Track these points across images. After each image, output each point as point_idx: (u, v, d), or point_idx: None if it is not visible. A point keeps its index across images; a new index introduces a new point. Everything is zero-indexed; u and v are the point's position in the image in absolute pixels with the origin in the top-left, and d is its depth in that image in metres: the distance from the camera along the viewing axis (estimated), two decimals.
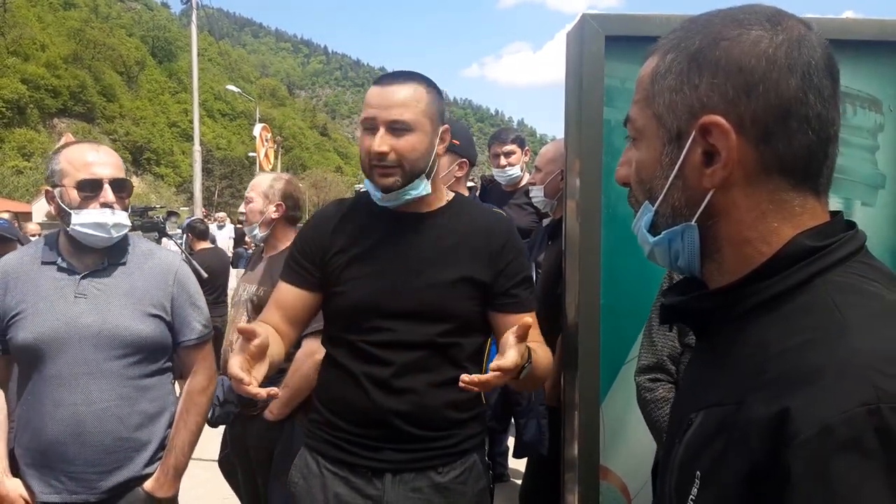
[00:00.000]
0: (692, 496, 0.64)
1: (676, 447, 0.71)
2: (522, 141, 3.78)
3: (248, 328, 1.28)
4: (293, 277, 1.64)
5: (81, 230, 1.75)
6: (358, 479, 1.56)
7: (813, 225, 0.68)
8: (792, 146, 0.66)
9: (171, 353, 1.92)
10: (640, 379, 1.77)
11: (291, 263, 1.66)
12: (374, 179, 1.54)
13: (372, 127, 1.51)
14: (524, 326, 1.26)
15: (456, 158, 2.60)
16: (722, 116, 0.66)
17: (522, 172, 3.72)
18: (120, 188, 1.81)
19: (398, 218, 1.59)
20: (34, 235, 6.81)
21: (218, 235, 15.06)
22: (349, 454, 1.57)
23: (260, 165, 22.91)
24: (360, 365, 1.56)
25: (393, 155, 1.50)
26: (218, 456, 2.71)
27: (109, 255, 1.84)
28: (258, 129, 23.03)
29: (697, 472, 0.65)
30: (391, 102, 1.50)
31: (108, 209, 1.76)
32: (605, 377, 1.82)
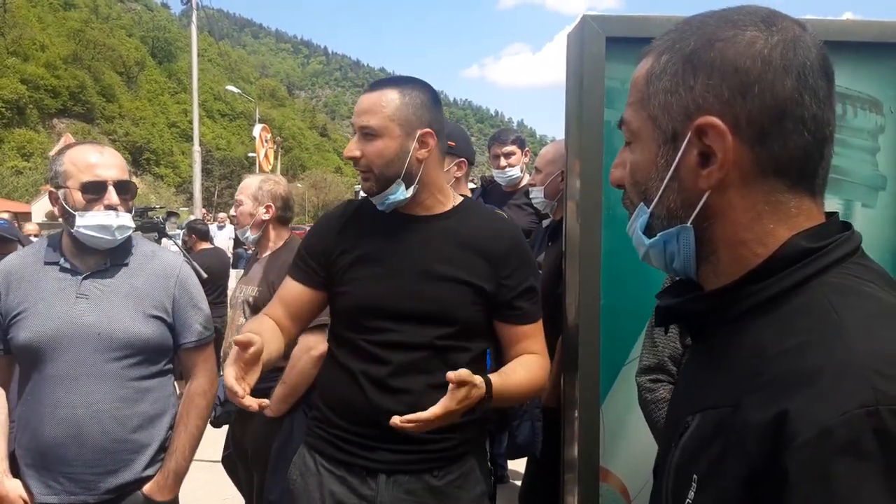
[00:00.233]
0: (689, 499, 0.64)
1: (672, 450, 0.71)
2: (522, 142, 3.78)
3: (243, 340, 1.31)
4: (299, 274, 1.68)
5: (85, 232, 1.75)
6: (353, 478, 1.57)
7: (809, 226, 0.68)
8: (787, 147, 0.66)
9: (172, 354, 1.91)
10: (641, 379, 1.77)
11: (298, 261, 1.71)
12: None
13: (355, 133, 1.59)
14: (459, 379, 1.31)
15: (454, 159, 2.61)
16: (717, 117, 0.66)
17: (522, 173, 3.72)
18: (124, 190, 1.80)
19: (403, 220, 1.60)
20: (34, 236, 6.81)
21: (218, 236, 15.07)
22: (345, 453, 1.58)
23: (259, 166, 22.91)
24: (359, 364, 1.56)
25: (364, 160, 1.56)
26: (221, 455, 2.71)
27: (112, 255, 1.83)
28: (258, 129, 23.03)
29: (694, 475, 0.64)
30: (361, 109, 1.57)
31: (112, 211, 1.76)
32: (605, 378, 1.82)
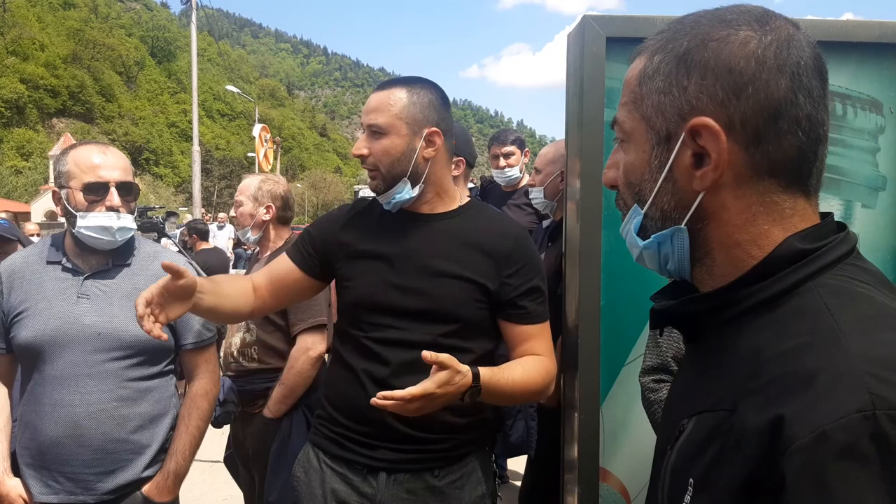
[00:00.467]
0: (685, 503, 0.63)
1: (668, 453, 0.70)
2: (522, 142, 3.78)
3: (174, 268, 1.34)
4: (293, 253, 1.70)
5: (86, 233, 1.75)
6: (355, 476, 1.57)
7: (804, 227, 0.67)
8: (782, 147, 0.65)
9: (173, 355, 1.91)
10: (644, 380, 1.78)
11: (297, 242, 1.73)
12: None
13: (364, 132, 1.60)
14: (431, 358, 1.30)
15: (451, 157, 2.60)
16: (711, 118, 0.65)
17: (522, 174, 3.72)
18: (126, 191, 1.80)
19: (408, 218, 1.60)
20: (33, 235, 6.82)
21: (218, 236, 15.06)
22: (347, 450, 1.58)
23: (259, 166, 22.89)
24: (361, 361, 1.57)
25: (371, 158, 1.57)
26: (223, 455, 2.71)
27: (114, 256, 1.83)
28: (257, 129, 23.00)
29: (691, 478, 0.63)
30: (370, 107, 1.58)
31: (113, 213, 1.76)
32: (604, 379, 1.82)
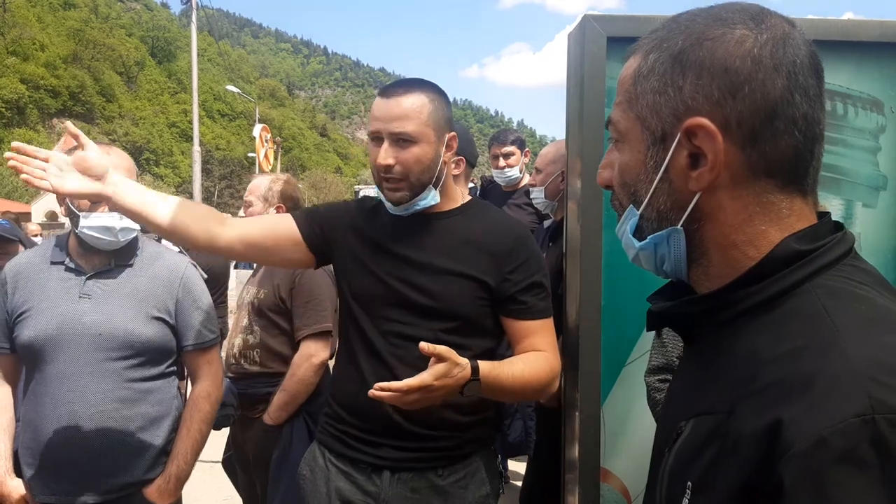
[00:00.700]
0: None
1: (667, 456, 0.70)
2: (522, 142, 3.78)
3: (72, 128, 1.40)
4: (299, 218, 1.64)
5: (89, 233, 1.75)
6: (359, 474, 1.57)
7: (801, 227, 0.67)
8: (779, 147, 0.65)
9: (175, 356, 1.90)
10: (649, 379, 1.79)
11: (308, 210, 1.70)
12: (383, 192, 1.56)
13: (378, 139, 1.52)
14: (428, 351, 1.29)
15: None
16: (707, 118, 0.65)
17: (521, 174, 3.72)
18: None
19: (412, 216, 1.60)
20: (35, 236, 6.83)
21: None
22: (351, 449, 1.58)
23: (259, 166, 22.89)
24: (364, 358, 1.57)
25: (399, 167, 1.50)
26: (222, 457, 2.70)
27: (117, 256, 1.83)
28: (258, 129, 22.98)
29: (689, 481, 0.63)
30: (394, 115, 1.49)
31: (116, 213, 1.75)
32: (605, 379, 1.82)
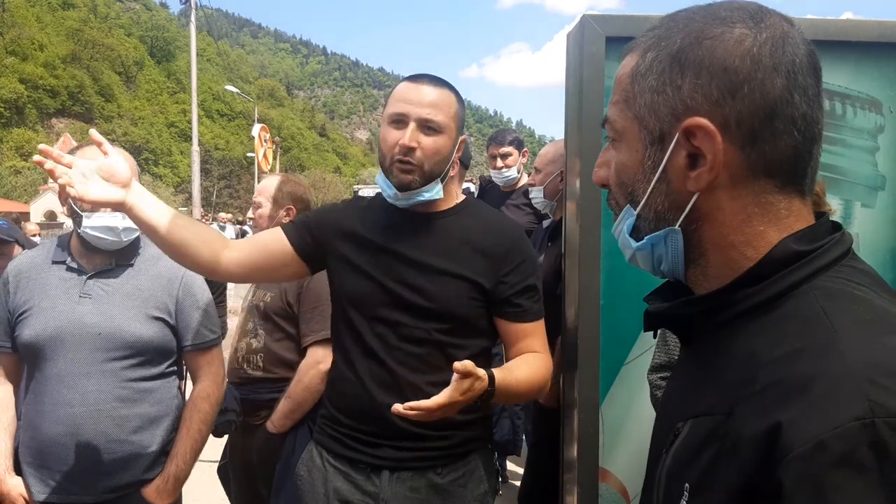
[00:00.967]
0: None
1: (664, 457, 0.69)
2: (520, 143, 3.77)
3: (96, 135, 1.43)
4: (289, 230, 1.62)
5: (92, 233, 1.75)
6: (358, 474, 1.57)
7: (799, 228, 0.66)
8: (778, 147, 0.64)
9: (175, 356, 1.90)
10: (651, 377, 1.80)
11: (295, 223, 1.67)
12: (392, 175, 1.53)
13: (401, 121, 1.51)
14: (464, 369, 1.27)
15: None
16: (706, 118, 0.64)
17: (519, 174, 3.72)
18: None
19: (407, 216, 1.60)
20: (34, 235, 6.83)
21: None
22: (350, 449, 1.58)
23: (258, 166, 22.88)
24: (360, 360, 1.56)
25: (419, 153, 1.50)
26: (217, 464, 2.66)
27: (118, 256, 1.83)
28: (257, 129, 22.98)
29: (686, 483, 0.63)
30: (426, 101, 1.49)
31: (119, 213, 1.75)
32: (604, 378, 1.82)
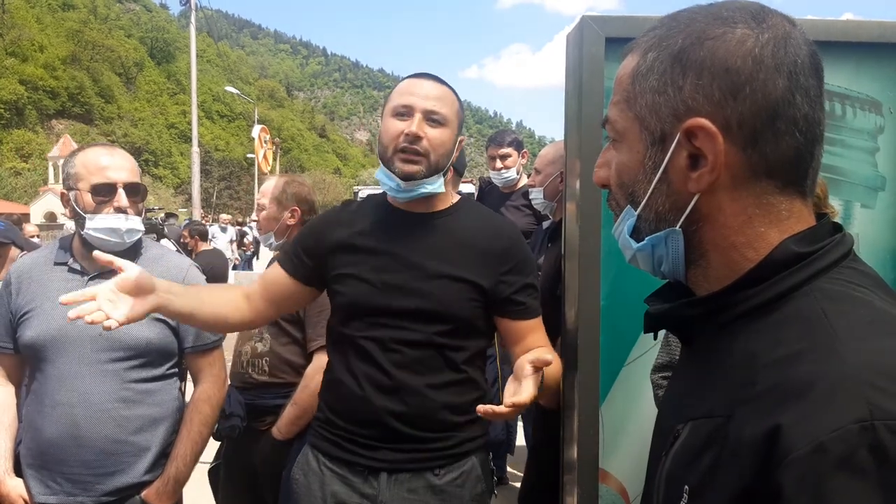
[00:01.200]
0: None
1: (663, 459, 0.69)
2: (519, 144, 3.77)
3: (103, 257, 1.40)
4: (284, 262, 1.68)
5: (95, 234, 1.76)
6: (355, 477, 1.56)
7: (800, 229, 0.66)
8: (779, 148, 0.64)
9: (176, 358, 1.90)
10: (654, 377, 1.81)
11: (288, 249, 1.70)
12: (395, 165, 1.54)
13: (406, 113, 1.53)
14: (541, 361, 1.26)
15: None
16: (708, 119, 0.64)
17: (519, 175, 3.72)
18: (134, 192, 1.81)
19: (403, 217, 1.60)
20: (33, 237, 6.82)
21: (222, 238, 15.04)
22: (347, 452, 1.57)
23: (259, 167, 22.89)
24: (357, 363, 1.56)
25: (425, 143, 1.52)
26: (210, 466, 2.63)
27: (120, 257, 1.83)
28: (257, 130, 23.03)
29: (686, 486, 0.63)
30: (432, 94, 1.54)
31: (121, 214, 1.76)
32: (604, 379, 1.82)
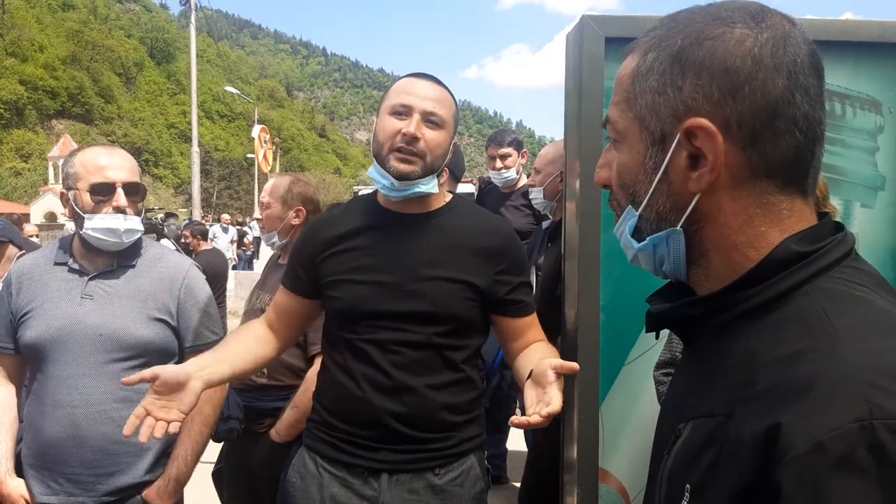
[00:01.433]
0: None
1: (665, 458, 0.69)
2: (519, 143, 3.77)
3: (132, 380, 1.32)
4: (288, 282, 1.69)
5: (93, 234, 1.75)
6: (355, 479, 1.56)
7: (801, 228, 0.66)
8: (779, 148, 0.64)
9: (177, 357, 1.89)
10: (655, 373, 1.83)
11: (288, 268, 1.70)
12: (390, 164, 1.53)
13: (404, 113, 1.53)
14: (565, 368, 1.26)
15: None
16: (707, 119, 0.64)
17: (519, 175, 3.72)
18: (133, 192, 1.80)
19: (396, 218, 1.59)
20: (32, 237, 6.83)
21: (223, 238, 15.05)
22: (346, 454, 1.57)
23: (259, 167, 22.89)
24: (356, 365, 1.55)
25: (422, 144, 1.52)
26: (213, 468, 2.63)
27: (120, 257, 1.83)
28: (257, 130, 23.05)
29: (687, 484, 0.63)
30: (431, 96, 1.54)
31: (120, 214, 1.76)
32: (604, 379, 1.82)
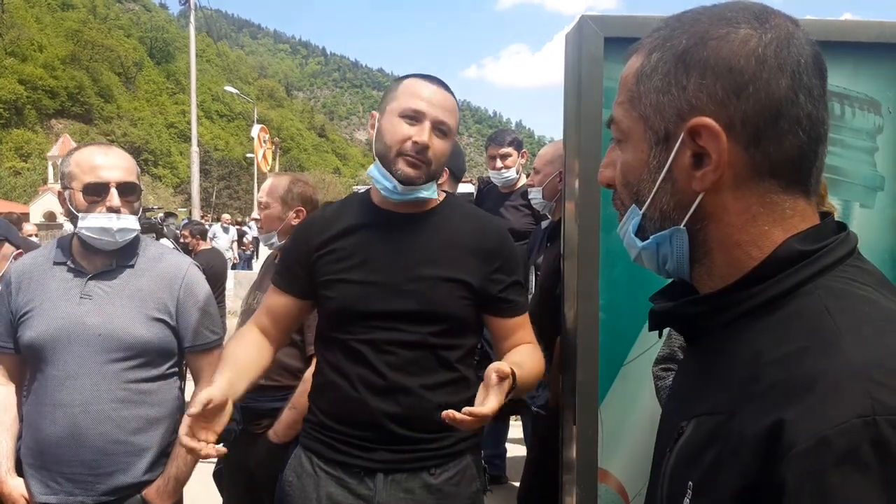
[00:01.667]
0: None
1: (668, 456, 0.70)
2: (519, 143, 3.77)
3: (203, 401, 1.30)
4: (279, 282, 1.68)
5: (87, 234, 1.75)
6: (351, 478, 1.56)
7: (804, 227, 0.67)
8: (783, 147, 0.65)
9: (176, 357, 1.90)
10: (654, 369, 1.85)
11: (280, 267, 1.70)
12: (396, 167, 1.53)
13: (415, 118, 1.53)
14: (502, 372, 1.28)
15: None
16: (711, 118, 0.65)
17: (518, 175, 3.72)
18: (128, 192, 1.80)
19: (390, 217, 1.60)
20: (31, 236, 6.83)
21: (224, 238, 15.04)
22: (342, 454, 1.57)
23: (258, 166, 22.90)
24: (350, 365, 1.55)
25: (431, 152, 1.53)
26: (213, 469, 2.63)
27: (119, 257, 1.83)
28: (256, 130, 23.05)
29: (690, 481, 0.63)
30: (444, 105, 1.55)
31: (113, 214, 1.75)
32: (603, 379, 1.82)
